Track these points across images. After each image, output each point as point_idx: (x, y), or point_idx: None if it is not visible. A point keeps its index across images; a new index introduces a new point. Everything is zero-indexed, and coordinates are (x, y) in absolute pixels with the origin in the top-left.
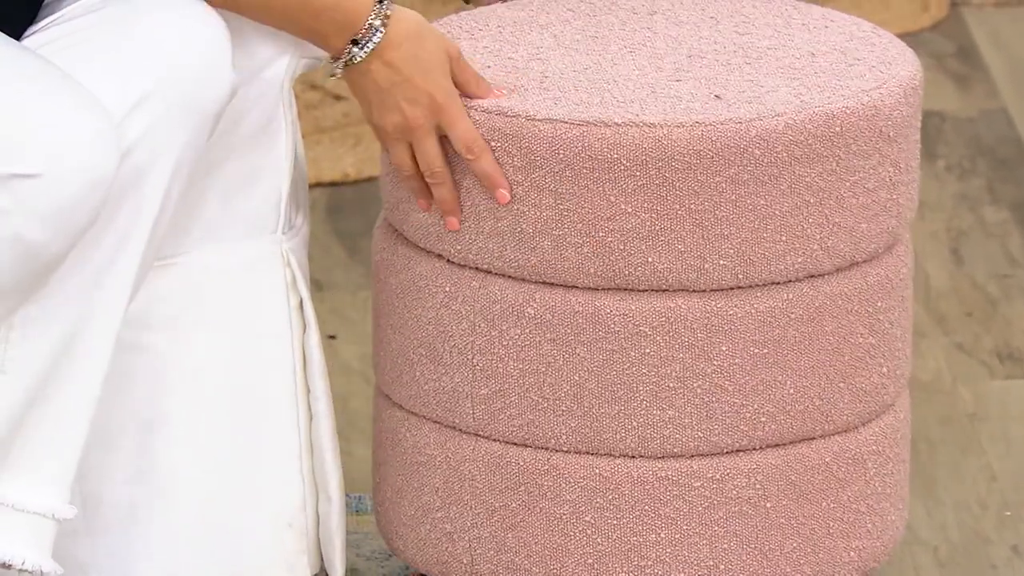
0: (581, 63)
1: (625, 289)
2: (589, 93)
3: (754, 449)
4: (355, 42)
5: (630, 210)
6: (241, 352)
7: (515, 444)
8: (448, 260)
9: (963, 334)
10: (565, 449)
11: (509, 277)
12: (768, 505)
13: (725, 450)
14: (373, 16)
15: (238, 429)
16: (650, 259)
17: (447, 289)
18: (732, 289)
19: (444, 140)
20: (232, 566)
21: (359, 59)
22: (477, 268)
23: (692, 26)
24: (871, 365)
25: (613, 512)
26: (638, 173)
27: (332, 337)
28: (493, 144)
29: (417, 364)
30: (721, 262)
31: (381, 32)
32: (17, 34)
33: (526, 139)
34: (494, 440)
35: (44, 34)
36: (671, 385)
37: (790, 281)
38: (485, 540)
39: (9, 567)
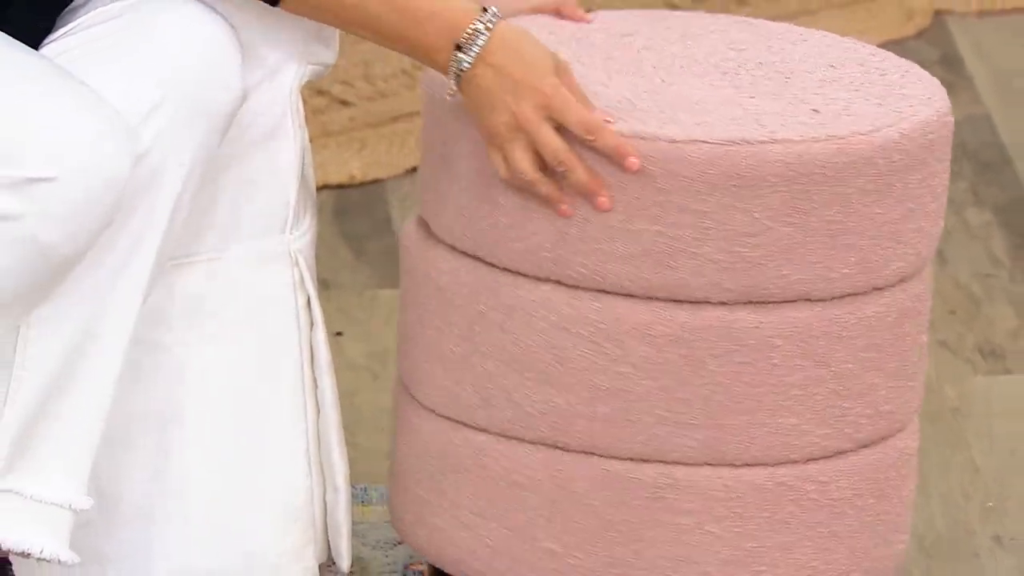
0: (638, 84)
1: (756, 302)
2: (689, 114)
3: (851, 451)
4: (459, 47)
5: (772, 225)
6: (251, 348)
7: (633, 460)
8: (558, 282)
9: (947, 332)
10: (688, 462)
11: (634, 296)
12: (859, 504)
13: (832, 453)
14: (477, 22)
15: (247, 424)
16: (785, 271)
17: (563, 311)
18: (845, 296)
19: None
20: (241, 561)
21: (467, 65)
22: (598, 290)
23: (682, 44)
24: (922, 365)
25: (734, 520)
26: (783, 188)
27: (339, 334)
28: None
29: (516, 388)
30: (844, 271)
31: (485, 35)
32: (35, 44)
33: (671, 162)
34: (611, 457)
35: (61, 43)
36: (795, 393)
37: (889, 286)
38: (599, 556)
39: (28, 556)
